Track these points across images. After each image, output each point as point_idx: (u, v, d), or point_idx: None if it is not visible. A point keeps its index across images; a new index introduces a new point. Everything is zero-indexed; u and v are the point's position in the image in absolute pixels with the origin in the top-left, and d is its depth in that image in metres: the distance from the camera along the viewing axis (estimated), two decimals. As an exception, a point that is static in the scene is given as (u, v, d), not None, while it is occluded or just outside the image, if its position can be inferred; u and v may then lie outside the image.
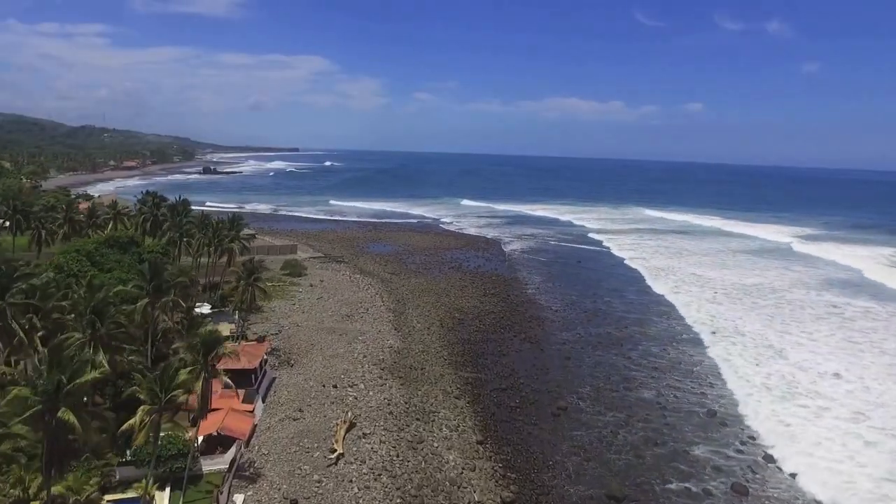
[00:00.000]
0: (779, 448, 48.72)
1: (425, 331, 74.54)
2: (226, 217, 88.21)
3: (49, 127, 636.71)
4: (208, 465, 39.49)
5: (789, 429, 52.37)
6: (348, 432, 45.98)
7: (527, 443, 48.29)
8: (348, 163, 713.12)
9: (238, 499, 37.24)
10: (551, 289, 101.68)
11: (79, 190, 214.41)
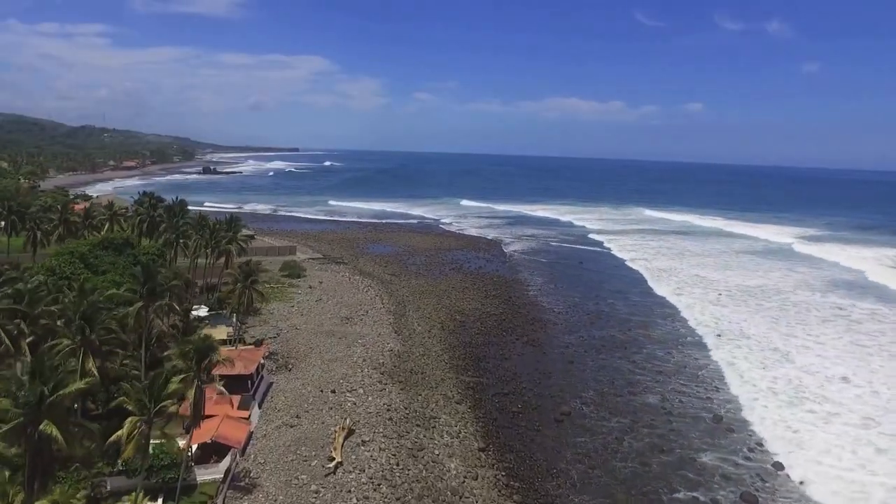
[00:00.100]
0: (787, 455, 47.57)
1: (426, 333, 73.38)
2: (224, 218, 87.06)
3: (49, 127, 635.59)
4: (202, 475, 38.31)
5: (797, 435, 51.24)
6: (347, 439, 44.78)
7: (530, 450, 47.14)
8: (348, 163, 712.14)
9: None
10: (553, 290, 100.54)
11: (77, 190, 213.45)
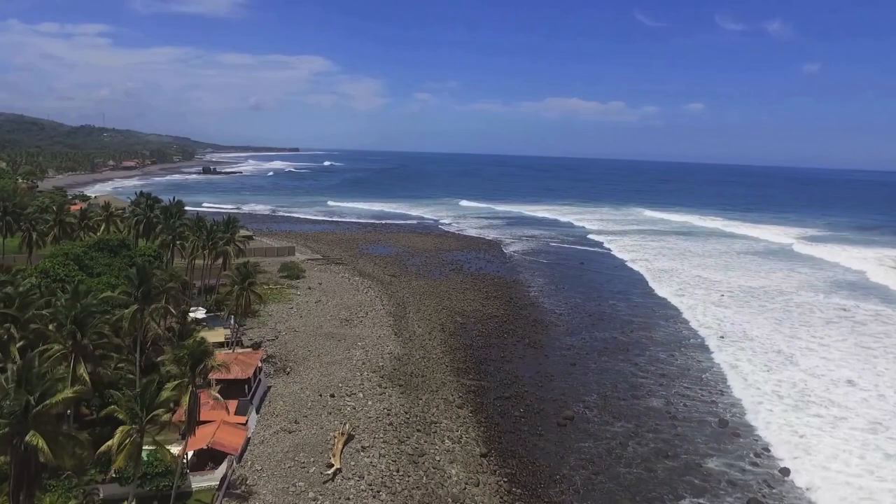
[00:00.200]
0: (794, 461, 46.71)
1: (426, 336, 72.55)
2: (222, 218, 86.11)
3: (49, 127, 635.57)
4: (198, 482, 37.45)
5: (804, 440, 50.38)
6: (346, 445, 43.93)
7: (532, 455, 46.30)
8: (348, 163, 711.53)
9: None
10: (554, 291, 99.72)
11: (76, 190, 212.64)
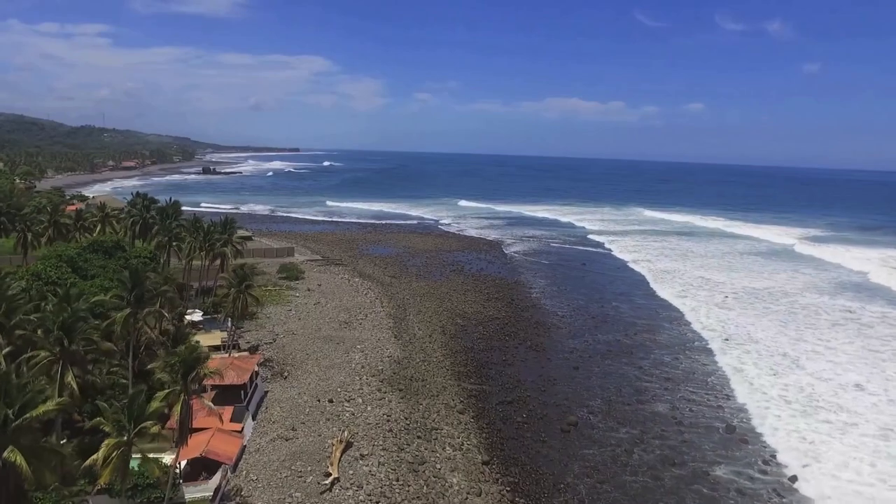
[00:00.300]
0: (803, 469, 45.52)
1: (426, 338, 71.41)
2: (221, 219, 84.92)
3: (49, 127, 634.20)
4: (191, 493, 36.28)
5: (813, 446, 49.20)
6: (344, 453, 42.80)
7: (535, 462, 45.16)
8: (348, 163, 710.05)
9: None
10: (556, 293, 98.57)
11: (74, 190, 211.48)
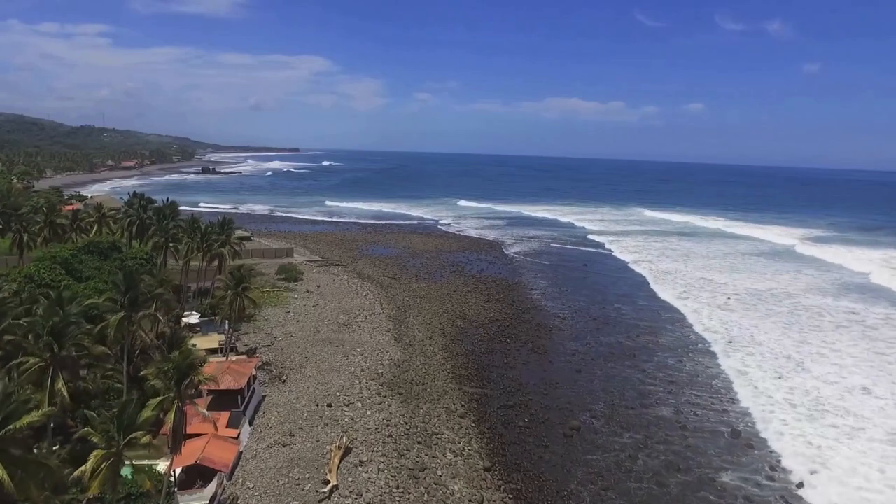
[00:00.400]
0: (811, 475, 44.67)
1: (427, 341, 70.52)
2: (218, 219, 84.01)
3: (49, 127, 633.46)
4: (186, 502, 35.34)
5: (820, 452, 48.36)
6: (343, 459, 41.92)
7: (538, 468, 44.31)
8: (348, 163, 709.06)
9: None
10: (557, 294, 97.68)
11: (73, 190, 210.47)
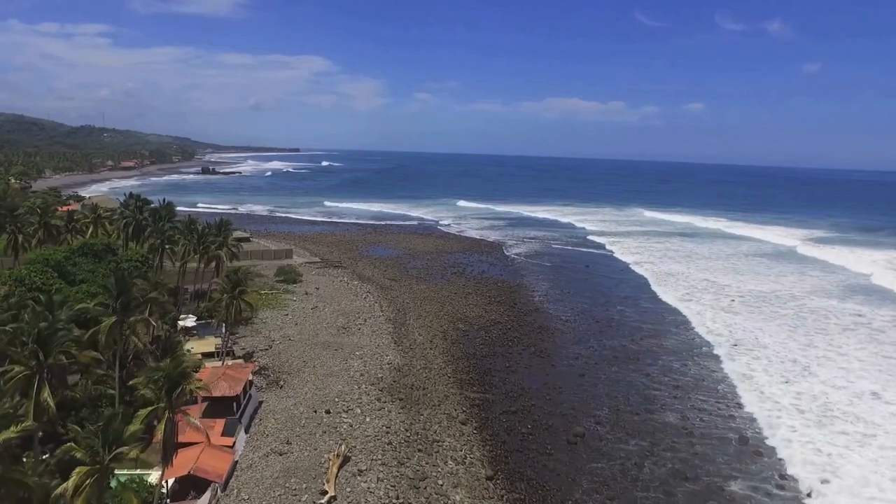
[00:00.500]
0: (822, 484, 43.54)
1: (427, 344, 69.38)
2: (216, 220, 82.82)
3: (49, 127, 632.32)
4: (179, 514, 34.32)
5: (830, 460, 47.19)
6: (342, 468, 40.76)
7: (542, 477, 43.16)
8: (348, 163, 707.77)
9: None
10: (559, 296, 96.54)
11: (71, 191, 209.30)
